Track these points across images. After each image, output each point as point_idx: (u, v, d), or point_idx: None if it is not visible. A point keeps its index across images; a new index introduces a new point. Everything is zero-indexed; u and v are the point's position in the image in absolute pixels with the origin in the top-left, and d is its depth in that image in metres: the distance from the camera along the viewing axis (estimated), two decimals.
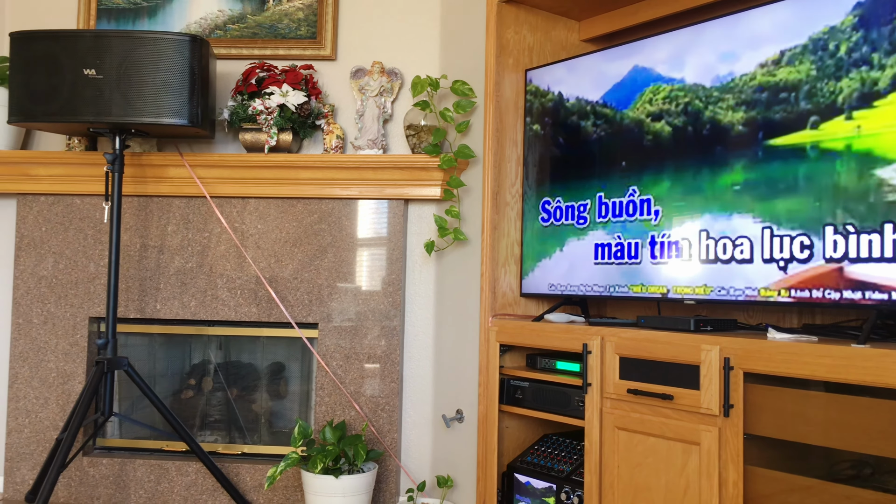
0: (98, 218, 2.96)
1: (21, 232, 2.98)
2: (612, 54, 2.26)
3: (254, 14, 3.00)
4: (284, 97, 2.78)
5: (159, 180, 2.90)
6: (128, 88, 2.51)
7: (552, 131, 2.42)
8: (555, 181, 2.40)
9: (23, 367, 2.96)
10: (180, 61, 2.53)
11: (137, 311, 2.94)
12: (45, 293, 2.97)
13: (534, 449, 2.38)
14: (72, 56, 2.51)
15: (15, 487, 2.92)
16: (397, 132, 2.93)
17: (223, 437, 3.04)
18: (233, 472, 2.86)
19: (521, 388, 2.34)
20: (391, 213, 2.87)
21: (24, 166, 2.91)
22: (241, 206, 2.93)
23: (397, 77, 2.90)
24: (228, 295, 2.92)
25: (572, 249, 2.32)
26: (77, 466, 2.89)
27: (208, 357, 3.12)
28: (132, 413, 3.06)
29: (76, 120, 2.53)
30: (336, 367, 2.86)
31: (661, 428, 1.89)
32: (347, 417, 2.84)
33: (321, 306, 2.88)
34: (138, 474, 2.87)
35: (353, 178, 2.83)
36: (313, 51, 2.96)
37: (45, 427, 2.93)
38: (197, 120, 2.57)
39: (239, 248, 2.91)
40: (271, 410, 3.06)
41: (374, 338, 2.86)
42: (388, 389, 2.84)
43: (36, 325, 2.96)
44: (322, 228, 2.90)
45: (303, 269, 2.89)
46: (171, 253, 2.94)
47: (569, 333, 2.14)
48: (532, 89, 2.49)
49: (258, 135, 2.83)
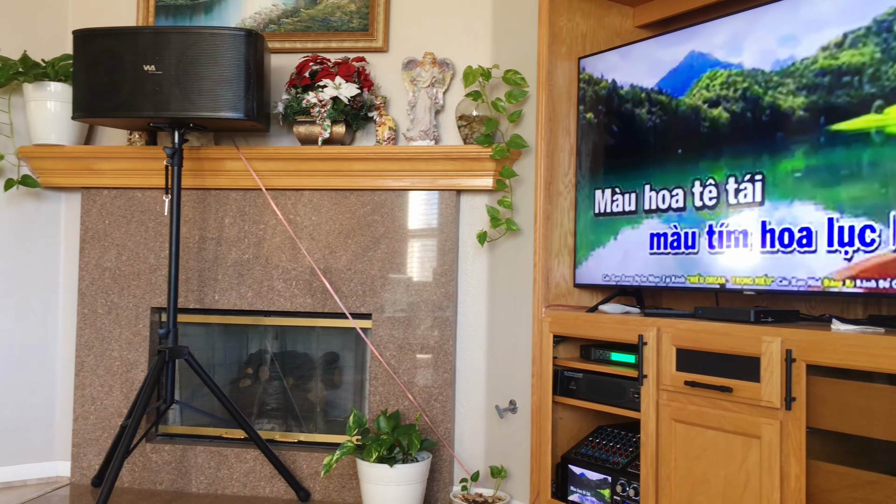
0: (158, 211, 3.04)
1: (86, 225, 3.08)
2: (667, 40, 2.22)
3: (307, 7, 3.03)
4: (337, 90, 2.80)
5: (216, 173, 2.96)
6: (186, 83, 2.56)
7: (606, 119, 2.39)
8: (608, 170, 2.37)
9: (88, 356, 3.06)
10: (236, 56, 2.57)
11: (197, 302, 3.01)
12: (108, 284, 3.06)
13: (588, 440, 2.37)
14: (132, 53, 2.58)
15: (82, 472, 3.03)
16: (449, 123, 2.93)
17: (280, 426, 3.09)
18: (289, 459, 2.91)
19: (575, 380, 2.32)
20: (443, 203, 2.88)
21: (87, 161, 3.00)
22: (296, 198, 2.96)
23: (449, 68, 2.90)
24: (284, 286, 2.97)
25: (626, 239, 2.29)
26: (140, 452, 2.98)
27: (265, 347, 3.18)
28: (192, 401, 3.14)
29: (137, 115, 2.60)
30: (389, 357, 2.89)
31: (719, 421, 1.86)
32: (401, 407, 2.86)
33: (374, 297, 2.90)
34: (199, 460, 2.95)
35: (405, 170, 2.84)
36: (365, 43, 2.98)
37: (109, 414, 3.03)
38: (253, 114, 2.61)
39: (294, 239, 2.95)
40: (326, 399, 3.11)
41: (427, 328, 2.87)
42: (441, 380, 2.86)
43: (100, 315, 3.06)
44: (375, 220, 2.92)
45: (356, 259, 2.92)
46: (229, 245, 3.00)
47: (624, 324, 2.12)
48: (585, 77, 2.46)
49: (312, 127, 2.86)
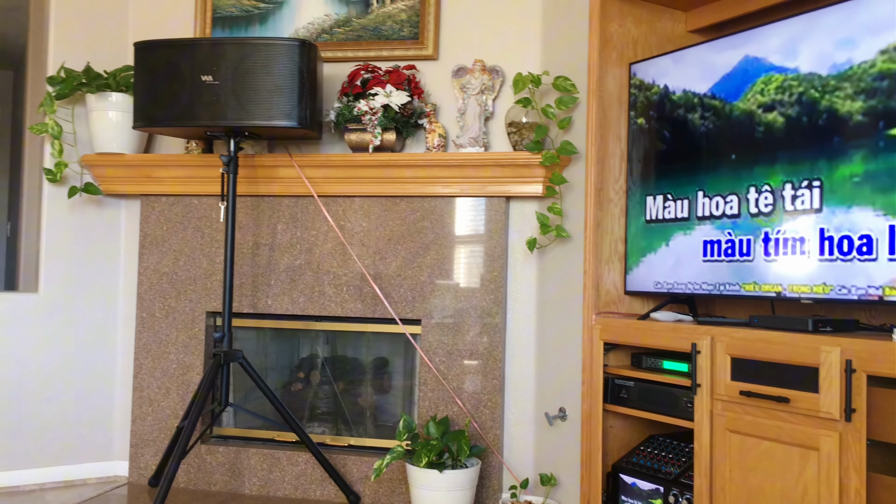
0: (214, 217, 3.11)
1: (144, 231, 3.17)
2: (720, 45, 2.19)
3: (358, 17, 3.07)
4: (388, 97, 2.83)
5: (270, 181, 3.02)
6: (242, 93, 2.62)
7: (657, 125, 2.37)
8: (660, 176, 2.35)
9: (146, 359, 3.14)
10: (290, 65, 2.62)
11: (250, 307, 3.08)
12: (166, 289, 3.14)
13: (640, 450, 2.34)
14: (190, 63, 2.65)
15: (139, 472, 3.11)
16: (499, 130, 2.94)
17: (330, 429, 3.13)
18: (340, 463, 2.94)
19: (626, 388, 2.30)
20: (492, 210, 2.89)
21: (147, 169, 3.08)
22: (347, 204, 3.00)
23: (499, 75, 2.91)
24: (334, 291, 3.01)
25: (679, 246, 2.27)
26: (195, 454, 3.04)
27: (316, 351, 3.22)
28: (245, 404, 3.20)
29: (194, 124, 2.67)
30: (439, 362, 2.90)
31: (776, 432, 1.83)
32: (450, 413, 2.87)
33: (424, 303, 2.92)
34: (252, 462, 3.00)
35: (454, 176, 2.85)
36: (416, 51, 3.00)
37: (166, 416, 3.11)
38: (306, 122, 2.66)
39: (345, 245, 2.99)
40: (375, 404, 3.14)
41: (476, 334, 2.88)
42: (490, 386, 2.86)
43: (158, 319, 3.14)
44: (424, 226, 2.94)
45: (406, 266, 2.95)
46: (281, 250, 3.06)
47: (676, 332, 2.10)
48: (636, 83, 2.44)
49: (363, 135, 2.89)
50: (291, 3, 3.13)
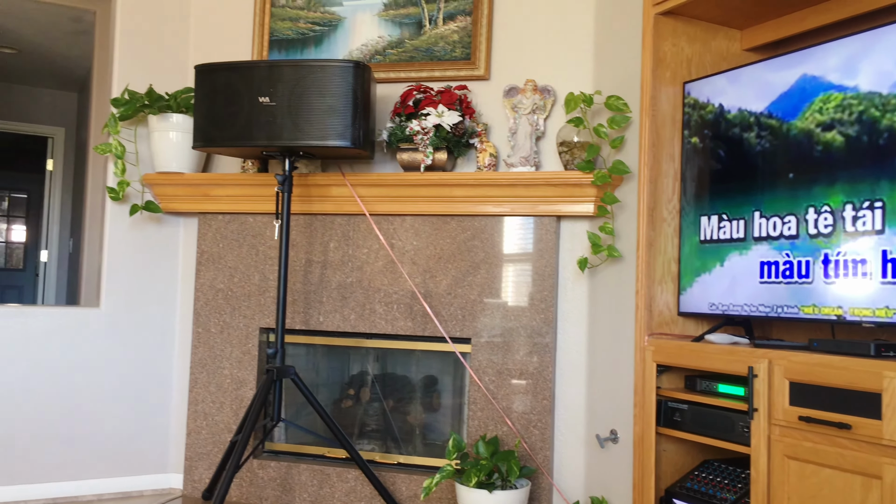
0: (268, 235, 3.17)
1: (201, 248, 3.25)
2: (777, 63, 2.16)
3: (411, 38, 3.11)
4: (440, 117, 2.86)
5: (323, 199, 3.07)
6: (297, 114, 2.68)
7: (712, 144, 2.35)
8: (715, 196, 2.32)
9: (201, 373, 3.21)
10: (344, 86, 2.67)
11: (302, 323, 3.12)
12: (221, 305, 3.21)
13: (694, 474, 2.30)
14: (248, 85, 2.72)
15: (193, 485, 3.17)
16: (550, 149, 2.94)
17: (380, 447, 3.15)
18: (389, 480, 2.95)
19: (680, 411, 2.26)
20: (543, 229, 2.88)
21: (204, 187, 3.16)
22: (398, 223, 3.03)
23: (550, 94, 2.91)
24: (385, 309, 3.03)
25: (734, 266, 2.23)
26: (248, 468, 3.09)
27: (366, 368, 3.25)
28: (296, 419, 3.24)
29: (251, 144, 2.73)
30: (488, 382, 2.89)
31: (837, 459, 1.78)
32: (499, 433, 2.86)
33: (474, 322, 2.93)
34: (302, 478, 3.03)
35: (505, 196, 2.86)
36: (467, 71, 3.03)
37: (220, 430, 3.16)
38: (359, 142, 2.70)
39: (395, 263, 3.01)
40: (424, 422, 3.14)
41: (526, 354, 2.87)
42: (540, 406, 2.84)
43: (213, 334, 3.21)
44: (475, 245, 2.95)
45: (456, 284, 2.96)
46: (333, 268, 3.10)
47: (732, 355, 2.06)
48: (690, 102, 2.42)
49: (415, 154, 2.92)
50: (346, 25, 3.19)
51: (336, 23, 3.20)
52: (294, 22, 3.25)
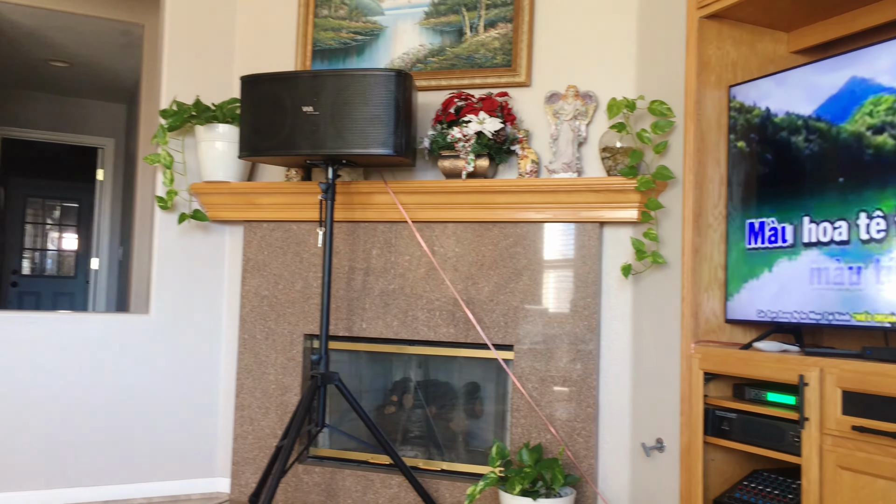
0: (311, 242, 3.21)
1: (247, 255, 3.30)
2: (825, 66, 2.12)
3: (452, 46, 3.13)
4: (481, 124, 2.86)
5: (366, 207, 3.09)
6: (340, 122, 2.71)
7: (759, 148, 2.31)
8: (762, 200, 2.28)
9: (247, 379, 3.25)
10: (387, 95, 2.69)
11: (346, 330, 3.15)
12: (266, 311, 3.25)
13: (742, 485, 2.26)
14: (292, 95, 2.75)
15: (240, 489, 3.21)
16: (592, 155, 2.92)
17: (422, 453, 3.16)
18: (432, 487, 2.96)
19: (728, 420, 2.23)
20: (586, 236, 2.86)
21: (250, 196, 3.22)
22: (440, 230, 3.04)
23: (592, 100, 2.90)
24: (427, 316, 3.04)
25: (783, 272, 2.19)
26: (293, 473, 3.12)
27: (409, 375, 3.26)
28: (340, 425, 3.26)
29: (296, 153, 2.77)
30: (531, 389, 2.88)
31: (892, 470, 1.73)
32: (543, 440, 2.84)
33: (516, 328, 2.92)
34: (346, 483, 3.06)
35: (547, 202, 2.85)
36: (508, 78, 3.03)
37: (265, 435, 3.20)
38: (401, 149, 2.72)
39: (437, 270, 3.02)
40: (467, 429, 3.14)
41: (569, 361, 2.85)
42: (584, 414, 2.82)
43: (259, 341, 3.25)
44: (517, 252, 2.94)
45: (498, 291, 2.95)
46: (376, 275, 3.12)
47: (782, 363, 2.02)
48: (736, 106, 2.39)
49: (456, 161, 2.93)
50: (387, 34, 3.22)
51: (378, 32, 3.23)
52: (336, 32, 3.29)
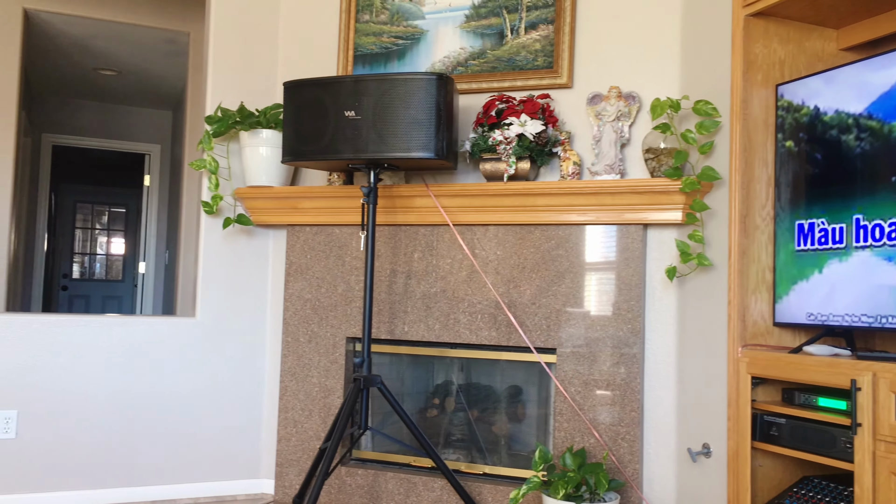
0: (354, 246, 3.23)
1: (290, 259, 3.33)
2: (877, 63, 2.07)
3: (493, 49, 3.12)
4: (522, 127, 2.85)
5: (407, 210, 3.11)
6: (382, 126, 2.72)
7: (807, 148, 2.26)
8: (812, 201, 2.23)
9: (291, 382, 3.29)
10: (428, 99, 2.70)
11: (388, 333, 3.16)
12: (309, 314, 3.28)
13: (792, 491, 2.21)
14: (335, 100, 2.78)
15: (284, 490, 3.25)
16: (635, 156, 2.89)
17: (465, 456, 3.15)
18: (475, 491, 2.95)
19: (777, 425, 2.18)
20: (629, 238, 2.83)
21: (293, 200, 3.25)
22: (481, 233, 3.04)
23: (635, 101, 2.87)
24: (468, 319, 3.04)
25: (833, 274, 2.14)
26: (336, 475, 3.14)
27: (451, 378, 3.26)
28: (382, 428, 3.28)
29: (338, 158, 2.79)
30: (574, 392, 2.86)
31: None
32: (586, 445, 2.82)
33: (558, 331, 2.90)
34: (389, 486, 3.07)
35: (590, 204, 2.83)
36: (550, 80, 3.02)
37: (309, 437, 3.23)
38: (443, 153, 2.72)
39: (479, 273, 3.02)
40: (509, 433, 3.13)
41: (613, 365, 2.82)
42: (629, 419, 2.79)
43: (302, 344, 3.28)
44: (559, 254, 2.92)
45: (540, 294, 2.94)
46: (417, 278, 3.13)
47: (833, 368, 1.97)
48: (784, 104, 2.34)
49: (497, 164, 2.93)
50: (428, 38, 3.23)
51: (418, 36, 3.25)
52: (378, 37, 3.31)
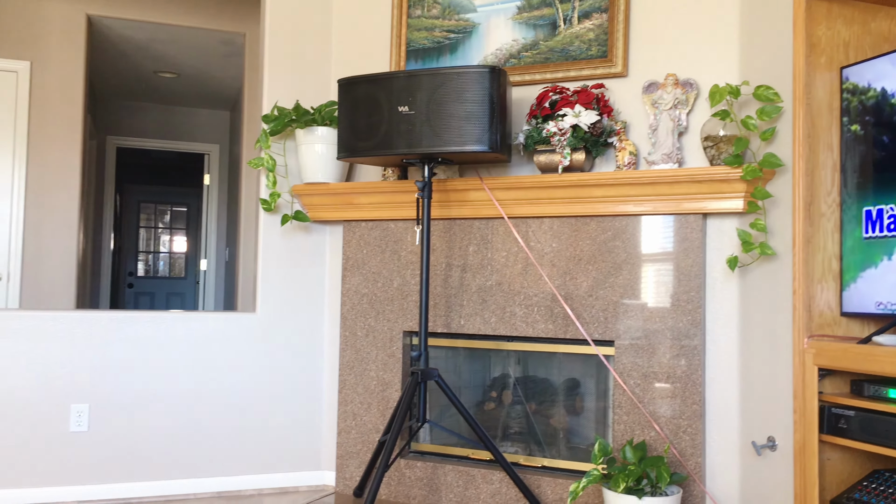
0: (409, 240, 3.25)
1: (347, 254, 3.37)
2: None
3: (546, 40, 3.10)
4: (577, 118, 2.83)
5: (461, 204, 3.11)
6: (436, 121, 2.73)
7: (875, 131, 2.18)
8: (880, 186, 2.16)
9: (349, 375, 3.33)
10: (481, 92, 2.69)
11: (444, 326, 3.17)
12: (366, 309, 3.32)
13: (862, 485, 2.14)
14: (388, 96, 2.80)
15: (345, 482, 3.29)
16: (692, 144, 2.84)
17: (523, 449, 3.15)
18: (533, 484, 2.94)
19: (846, 418, 2.12)
20: (688, 228, 2.78)
21: (348, 196, 3.29)
22: (536, 225, 3.02)
23: (692, 88, 2.81)
24: (525, 312, 3.03)
25: None
26: (395, 468, 3.17)
27: (507, 371, 3.26)
28: (440, 421, 3.29)
29: (392, 153, 2.81)
30: (633, 385, 2.83)
31: None
32: (646, 438, 2.78)
33: (616, 324, 2.87)
34: (448, 479, 3.08)
35: (647, 194, 2.79)
36: (604, 69, 2.98)
37: (368, 429, 3.27)
38: (496, 146, 2.72)
39: (535, 266, 3.00)
40: (568, 426, 3.11)
41: (673, 357, 2.78)
42: (690, 411, 2.74)
43: (360, 338, 3.32)
44: (616, 245, 2.89)
45: (597, 286, 2.91)
46: (473, 272, 3.13)
47: None
48: (849, 87, 2.27)
49: (552, 156, 2.91)
50: (480, 31, 3.22)
51: (470, 29, 3.24)
52: (430, 31, 3.31)
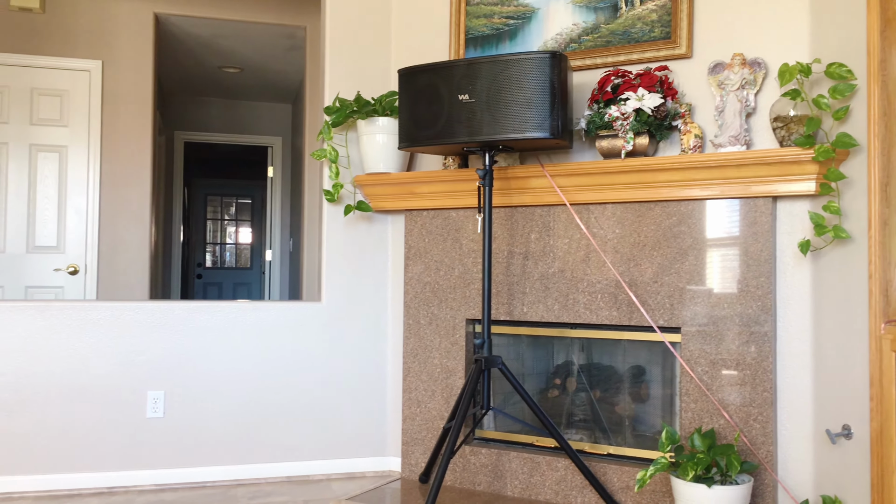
0: (470, 229, 3.26)
1: (409, 243, 3.40)
2: None
3: (607, 23, 3.05)
4: (640, 101, 2.78)
5: (523, 191, 3.10)
6: (496, 108, 2.72)
7: None
8: None
9: (413, 363, 3.36)
10: (541, 78, 2.67)
11: (506, 314, 3.17)
12: (429, 297, 3.34)
13: None
14: (448, 84, 2.80)
15: (410, 468, 3.34)
16: (761, 126, 2.76)
17: (588, 437, 3.13)
18: (599, 471, 2.93)
19: None
20: (757, 211, 2.71)
21: (410, 185, 3.31)
22: (599, 211, 2.99)
23: (760, 67, 2.73)
24: (588, 299, 3.01)
25: None
26: (460, 454, 3.20)
27: (571, 358, 3.24)
28: (504, 408, 3.30)
29: (453, 142, 2.81)
30: (701, 372, 2.78)
31: None
32: (715, 426, 2.74)
33: (683, 310, 2.82)
34: (513, 465, 3.09)
35: (713, 178, 2.73)
36: (668, 51, 2.92)
37: (432, 416, 3.30)
38: (558, 132, 2.69)
39: (598, 252, 2.97)
40: (633, 413, 3.08)
41: (742, 343, 2.72)
42: (760, 399, 2.68)
43: (423, 326, 3.35)
44: (682, 231, 2.84)
45: (662, 272, 2.87)
46: (535, 259, 3.12)
47: None
48: None
49: (614, 141, 2.87)
50: (539, 16, 3.19)
51: (529, 14, 3.21)
52: (489, 18, 3.30)
